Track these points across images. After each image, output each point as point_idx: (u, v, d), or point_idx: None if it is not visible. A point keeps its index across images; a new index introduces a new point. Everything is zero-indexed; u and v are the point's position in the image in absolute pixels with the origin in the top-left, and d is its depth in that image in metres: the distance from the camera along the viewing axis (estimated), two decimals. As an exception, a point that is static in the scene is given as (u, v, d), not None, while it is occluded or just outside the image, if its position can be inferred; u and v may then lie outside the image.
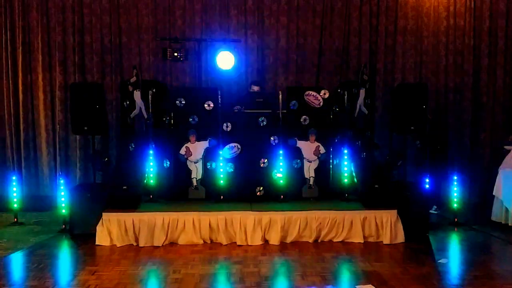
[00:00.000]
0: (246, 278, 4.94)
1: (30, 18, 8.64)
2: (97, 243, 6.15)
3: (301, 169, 7.19)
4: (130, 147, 7.29)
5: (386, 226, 6.33)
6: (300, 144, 7.20)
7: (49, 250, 6.00)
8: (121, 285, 4.72)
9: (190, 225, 6.24)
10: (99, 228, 6.20)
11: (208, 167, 7.10)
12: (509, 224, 6.99)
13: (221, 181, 6.91)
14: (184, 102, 7.14)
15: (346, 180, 6.98)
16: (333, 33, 8.90)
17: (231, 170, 7.06)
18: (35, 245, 6.19)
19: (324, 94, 7.28)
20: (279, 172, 6.96)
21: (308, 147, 7.20)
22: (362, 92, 7.18)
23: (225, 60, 8.35)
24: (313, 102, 7.24)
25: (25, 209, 7.67)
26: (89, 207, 6.47)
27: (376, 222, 6.37)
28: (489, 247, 6.31)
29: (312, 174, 7.21)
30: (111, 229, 6.19)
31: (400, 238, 6.33)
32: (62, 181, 6.91)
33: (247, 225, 6.24)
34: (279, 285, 4.88)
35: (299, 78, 8.89)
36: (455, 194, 7.24)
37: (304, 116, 7.20)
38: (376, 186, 6.62)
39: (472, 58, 8.96)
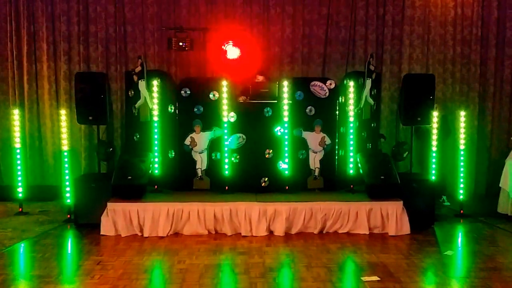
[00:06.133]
0: (251, 269, 4.94)
1: (35, 7, 8.58)
2: (101, 233, 6.17)
3: (306, 160, 7.16)
4: (135, 137, 7.29)
5: (392, 217, 6.30)
6: (306, 134, 7.16)
7: (54, 240, 6.03)
8: (126, 275, 4.73)
9: (195, 215, 6.24)
10: (104, 218, 6.21)
11: (213, 157, 7.09)
12: (516, 216, 6.96)
13: (226, 172, 6.90)
14: (189, 92, 7.12)
15: (351, 171, 6.95)
16: (339, 23, 8.79)
17: (236, 160, 7.04)
18: (40, 234, 6.21)
19: (330, 84, 7.23)
20: (284, 163, 6.94)
21: (313, 138, 7.17)
22: (369, 83, 7.14)
23: (230, 50, 8.31)
24: (319, 93, 7.19)
25: (30, 199, 7.71)
26: (94, 197, 6.49)
27: (381, 213, 6.35)
28: (495, 239, 6.28)
29: (318, 165, 7.18)
30: (116, 219, 6.20)
31: (406, 229, 6.31)
32: (67, 171, 6.91)
33: (252, 216, 6.23)
34: (284, 276, 4.87)
35: (305, 68, 8.79)
36: (461, 185, 7.21)
37: (309, 107, 7.16)
38: (382, 177, 6.57)
39: (479, 48, 8.84)
